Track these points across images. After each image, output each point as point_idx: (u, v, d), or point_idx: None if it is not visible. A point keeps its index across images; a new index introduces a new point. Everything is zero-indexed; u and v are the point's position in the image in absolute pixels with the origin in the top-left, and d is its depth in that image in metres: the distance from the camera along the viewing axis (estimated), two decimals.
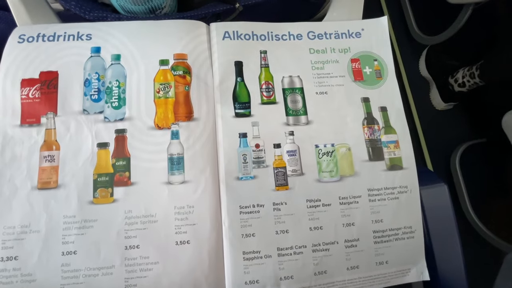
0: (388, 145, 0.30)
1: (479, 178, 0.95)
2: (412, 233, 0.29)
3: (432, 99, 1.09)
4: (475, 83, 0.93)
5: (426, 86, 1.10)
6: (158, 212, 0.26)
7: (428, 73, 1.08)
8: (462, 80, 0.97)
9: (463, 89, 0.99)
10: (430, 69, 1.08)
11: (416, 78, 1.10)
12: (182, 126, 0.28)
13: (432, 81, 1.09)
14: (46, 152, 0.27)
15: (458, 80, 0.98)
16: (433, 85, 1.08)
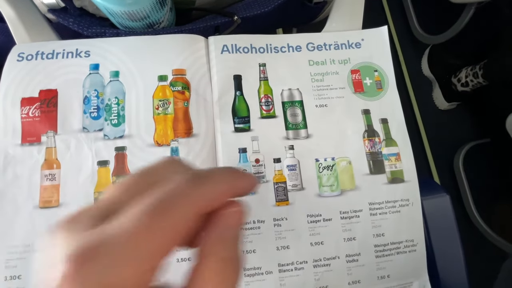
0: (389, 158, 0.30)
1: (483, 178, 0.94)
2: (414, 246, 0.29)
3: (435, 98, 1.08)
4: (479, 83, 0.92)
5: (428, 85, 1.09)
6: None
7: (431, 73, 1.07)
8: (465, 79, 0.96)
9: (466, 89, 0.97)
10: (432, 68, 1.07)
11: (419, 77, 1.09)
12: (182, 142, 0.28)
13: (435, 80, 1.08)
14: (47, 171, 0.27)
15: (461, 80, 0.97)
16: (435, 84, 1.07)
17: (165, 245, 0.10)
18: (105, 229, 0.09)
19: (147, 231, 0.09)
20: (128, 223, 0.09)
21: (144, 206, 0.10)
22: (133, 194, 0.11)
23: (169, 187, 0.10)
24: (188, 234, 0.10)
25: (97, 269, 0.09)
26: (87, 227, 0.10)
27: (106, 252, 0.09)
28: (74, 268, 0.09)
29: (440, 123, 1.05)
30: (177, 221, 0.10)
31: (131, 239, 0.09)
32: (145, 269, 0.09)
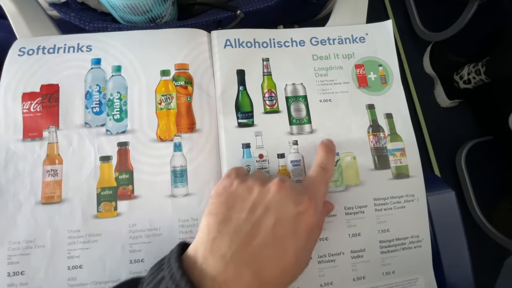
0: (394, 153, 0.29)
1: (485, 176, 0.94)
2: (419, 242, 0.28)
3: (436, 96, 1.07)
4: (481, 80, 0.92)
5: (430, 83, 1.08)
6: (162, 225, 0.26)
7: (433, 70, 1.06)
8: (467, 77, 0.95)
9: (468, 86, 0.97)
10: (434, 66, 1.06)
11: (421, 75, 1.08)
12: (185, 137, 0.28)
13: (437, 78, 1.07)
14: (49, 167, 0.27)
15: (463, 77, 0.97)
16: (437, 82, 1.06)
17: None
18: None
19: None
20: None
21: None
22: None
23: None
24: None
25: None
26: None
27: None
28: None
29: (442, 121, 1.05)
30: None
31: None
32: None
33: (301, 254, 0.20)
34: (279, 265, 0.19)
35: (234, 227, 0.19)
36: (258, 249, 0.19)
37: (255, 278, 0.18)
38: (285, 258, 0.19)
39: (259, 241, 0.19)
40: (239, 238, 0.19)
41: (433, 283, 0.28)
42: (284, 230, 0.19)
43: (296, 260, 0.20)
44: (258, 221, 0.20)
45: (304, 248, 0.20)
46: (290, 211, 0.20)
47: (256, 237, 0.19)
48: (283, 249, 0.19)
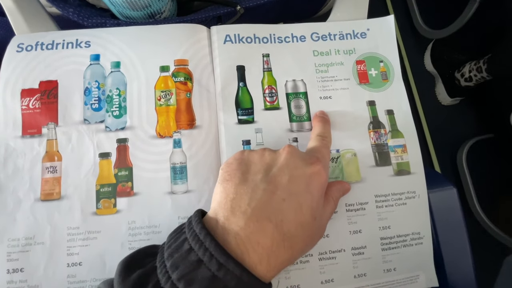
0: (395, 150, 0.29)
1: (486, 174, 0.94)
2: (421, 239, 0.28)
3: (437, 94, 1.07)
4: (482, 78, 0.91)
5: (431, 81, 1.08)
6: (162, 222, 0.26)
7: (434, 68, 1.06)
8: (468, 74, 0.95)
9: (469, 84, 0.96)
10: (435, 63, 1.06)
11: (421, 73, 1.08)
12: (184, 134, 0.28)
13: (438, 76, 1.07)
14: (48, 163, 0.26)
15: (464, 75, 0.96)
16: (438, 80, 1.06)
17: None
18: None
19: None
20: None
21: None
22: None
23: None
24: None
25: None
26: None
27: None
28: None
29: (442, 119, 1.05)
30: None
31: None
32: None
33: (316, 212, 0.21)
34: (296, 219, 0.19)
35: (251, 187, 0.20)
36: (277, 204, 0.19)
37: (277, 230, 0.18)
38: (301, 213, 0.20)
39: (277, 197, 0.19)
40: (258, 195, 0.19)
41: (434, 280, 0.28)
42: (298, 187, 0.20)
43: (312, 217, 0.20)
44: (273, 178, 0.20)
45: (318, 207, 0.21)
46: (302, 170, 0.21)
47: (274, 193, 0.19)
48: (298, 204, 0.20)
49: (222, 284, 0.16)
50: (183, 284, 0.16)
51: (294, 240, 0.19)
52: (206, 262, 0.17)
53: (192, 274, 0.16)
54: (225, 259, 0.17)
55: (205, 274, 0.16)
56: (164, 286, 0.17)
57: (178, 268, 0.17)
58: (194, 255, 0.17)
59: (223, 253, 0.17)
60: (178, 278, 0.16)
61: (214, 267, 0.17)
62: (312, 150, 0.25)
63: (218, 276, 0.16)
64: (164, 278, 0.17)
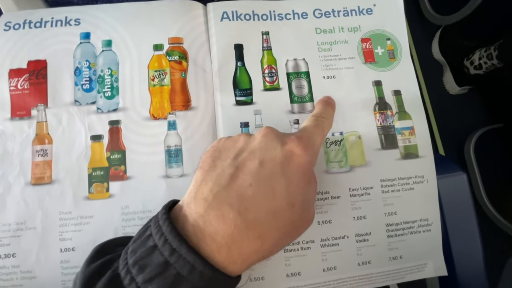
0: (402, 132, 0.28)
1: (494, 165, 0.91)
2: (429, 226, 0.27)
3: (445, 83, 1.04)
4: (493, 65, 0.88)
5: (438, 70, 1.05)
6: (156, 207, 0.25)
7: (442, 56, 1.02)
8: (478, 62, 0.91)
9: (479, 72, 0.93)
10: (444, 51, 1.02)
11: (429, 61, 1.04)
12: (179, 115, 0.26)
13: (446, 64, 1.03)
14: (39, 146, 0.25)
15: (474, 62, 0.93)
16: (446, 68, 1.02)
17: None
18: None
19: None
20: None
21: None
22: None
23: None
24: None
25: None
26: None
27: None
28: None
29: (450, 109, 1.02)
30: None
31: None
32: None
33: (294, 198, 0.18)
34: (266, 206, 0.17)
35: (217, 173, 0.18)
36: (241, 189, 0.17)
37: (240, 217, 0.17)
38: (273, 200, 0.17)
39: (242, 181, 0.18)
40: (222, 181, 0.18)
41: (443, 269, 0.27)
42: (270, 170, 0.18)
43: (288, 204, 0.18)
44: (242, 163, 0.18)
45: (298, 191, 0.18)
46: (277, 152, 0.19)
47: (238, 178, 0.18)
48: (269, 189, 0.18)
49: (175, 270, 0.15)
50: (137, 270, 0.16)
51: (263, 230, 0.17)
52: (160, 247, 0.16)
53: (147, 259, 0.16)
54: (178, 244, 0.16)
55: (158, 260, 0.16)
56: (120, 272, 0.16)
57: (136, 253, 0.16)
58: (151, 241, 0.16)
59: (177, 238, 0.16)
60: (133, 263, 0.16)
61: (167, 252, 0.16)
62: (300, 129, 0.22)
63: (170, 261, 0.15)
64: (123, 264, 0.16)
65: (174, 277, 0.15)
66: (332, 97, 0.26)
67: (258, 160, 0.18)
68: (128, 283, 0.15)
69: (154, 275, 0.15)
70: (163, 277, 0.15)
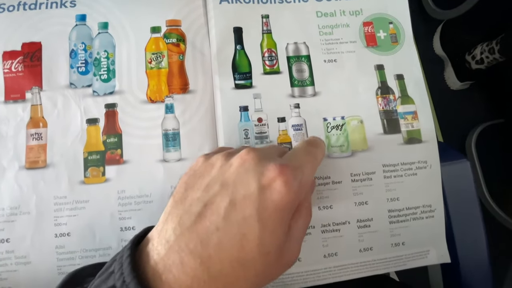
0: (405, 117, 0.27)
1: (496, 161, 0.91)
2: (432, 212, 0.26)
3: (446, 78, 1.03)
4: (495, 59, 0.87)
5: (439, 65, 1.04)
6: (154, 192, 0.24)
7: (443, 51, 1.02)
8: (480, 56, 0.91)
9: (481, 66, 0.92)
10: (445, 46, 1.01)
11: (430, 56, 1.04)
12: (177, 99, 0.26)
13: (447, 59, 1.02)
14: (33, 130, 0.25)
15: (476, 57, 0.92)
16: (448, 63, 1.02)
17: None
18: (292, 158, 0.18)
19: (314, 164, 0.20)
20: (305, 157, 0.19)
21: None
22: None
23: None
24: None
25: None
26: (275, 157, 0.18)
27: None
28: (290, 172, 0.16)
29: (451, 104, 1.01)
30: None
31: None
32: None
33: (269, 246, 0.15)
34: (233, 256, 0.15)
35: (184, 208, 0.16)
36: (207, 233, 0.15)
37: (202, 267, 0.14)
38: (242, 249, 0.15)
39: (208, 225, 0.15)
40: (186, 220, 0.15)
41: (446, 256, 0.26)
42: (242, 214, 0.15)
43: (260, 253, 0.15)
44: (211, 200, 0.16)
45: (274, 239, 0.16)
46: (252, 189, 0.15)
47: (205, 219, 0.15)
48: (238, 236, 0.15)
49: None
50: None
51: (229, 282, 0.15)
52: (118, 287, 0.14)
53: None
54: (135, 287, 0.14)
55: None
56: None
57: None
58: (112, 280, 0.15)
59: (134, 281, 0.14)
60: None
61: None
62: (289, 153, 0.19)
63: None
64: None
65: None
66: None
67: (229, 198, 0.16)
68: None
69: None
70: None
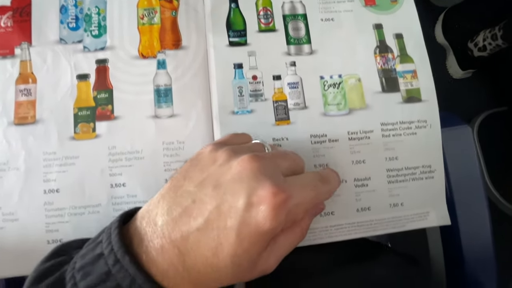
0: (404, 75, 0.26)
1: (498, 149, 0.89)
2: (432, 173, 0.25)
3: (448, 67, 1.02)
4: (497, 46, 0.86)
5: (441, 54, 1.03)
6: (145, 148, 0.24)
7: (445, 39, 1.00)
8: (482, 43, 0.89)
9: (483, 54, 0.91)
10: (447, 34, 1.00)
11: (432, 45, 1.02)
12: (170, 55, 0.25)
13: (449, 47, 1.01)
14: (22, 86, 0.24)
15: (478, 44, 0.91)
16: (450, 52, 1.00)
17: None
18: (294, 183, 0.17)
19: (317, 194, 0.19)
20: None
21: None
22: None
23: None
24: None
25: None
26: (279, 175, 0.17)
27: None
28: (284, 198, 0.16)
29: (453, 93, 1.00)
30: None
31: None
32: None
33: (241, 260, 0.15)
34: (207, 259, 0.15)
35: (176, 197, 0.16)
36: (188, 230, 0.15)
37: (179, 259, 0.15)
38: (216, 255, 0.15)
39: (192, 221, 0.15)
40: (174, 211, 0.16)
41: (446, 218, 0.26)
42: (223, 222, 0.15)
43: (232, 263, 0.15)
44: (200, 199, 0.16)
45: (246, 256, 0.15)
46: (240, 201, 0.15)
47: (190, 216, 0.16)
48: (214, 243, 0.15)
49: (115, 282, 0.14)
50: (81, 275, 0.15)
51: (201, 279, 0.16)
52: (106, 255, 0.15)
53: (91, 267, 0.15)
54: (122, 255, 0.15)
55: (102, 269, 0.15)
56: (66, 275, 0.15)
57: (84, 258, 0.16)
58: (100, 248, 0.16)
59: (122, 249, 0.15)
60: (79, 269, 0.15)
61: (111, 261, 0.15)
62: (293, 177, 0.18)
63: (112, 271, 0.15)
64: (71, 268, 0.16)
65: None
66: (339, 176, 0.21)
67: (216, 203, 0.15)
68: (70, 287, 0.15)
69: (95, 284, 0.14)
70: (103, 287, 0.14)
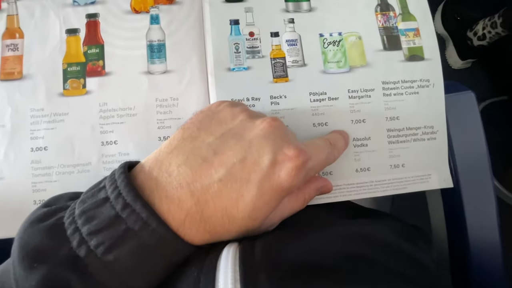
0: (406, 33, 0.25)
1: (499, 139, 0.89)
2: (434, 134, 0.25)
3: (448, 57, 1.01)
4: (497, 34, 0.85)
5: (441, 44, 1.02)
6: (137, 104, 0.23)
7: (444, 29, 1.00)
8: (482, 32, 0.89)
9: (483, 43, 0.91)
10: (446, 24, 0.99)
11: None
12: (163, 9, 0.24)
13: (448, 38, 1.00)
14: (9, 41, 0.23)
15: (477, 33, 0.90)
16: (449, 42, 1.00)
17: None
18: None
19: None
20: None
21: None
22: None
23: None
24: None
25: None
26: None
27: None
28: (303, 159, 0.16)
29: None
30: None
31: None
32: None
33: (258, 213, 0.16)
34: (226, 211, 0.15)
35: (193, 147, 0.16)
36: (209, 180, 0.15)
37: (196, 208, 0.15)
38: (236, 207, 0.15)
39: (212, 173, 0.15)
40: (193, 162, 0.16)
41: (448, 181, 0.25)
42: (247, 175, 0.16)
43: (249, 217, 0.16)
44: (223, 150, 0.16)
45: (264, 209, 0.16)
46: (266, 157, 0.16)
47: (211, 167, 0.15)
48: (236, 194, 0.15)
49: (125, 225, 0.14)
50: (83, 220, 0.14)
51: (215, 228, 0.16)
52: (112, 199, 0.15)
53: (95, 211, 0.15)
54: (132, 199, 0.14)
55: (108, 213, 0.14)
56: (65, 221, 0.15)
57: (85, 203, 0.15)
58: (103, 193, 0.15)
59: (132, 193, 0.14)
60: (80, 213, 0.15)
61: (119, 206, 0.14)
62: (308, 143, 0.19)
63: (121, 216, 0.14)
64: (69, 213, 0.15)
65: (124, 231, 0.14)
66: (347, 134, 0.23)
67: (241, 156, 0.16)
68: (71, 233, 0.14)
69: (102, 227, 0.14)
70: (111, 230, 0.14)
